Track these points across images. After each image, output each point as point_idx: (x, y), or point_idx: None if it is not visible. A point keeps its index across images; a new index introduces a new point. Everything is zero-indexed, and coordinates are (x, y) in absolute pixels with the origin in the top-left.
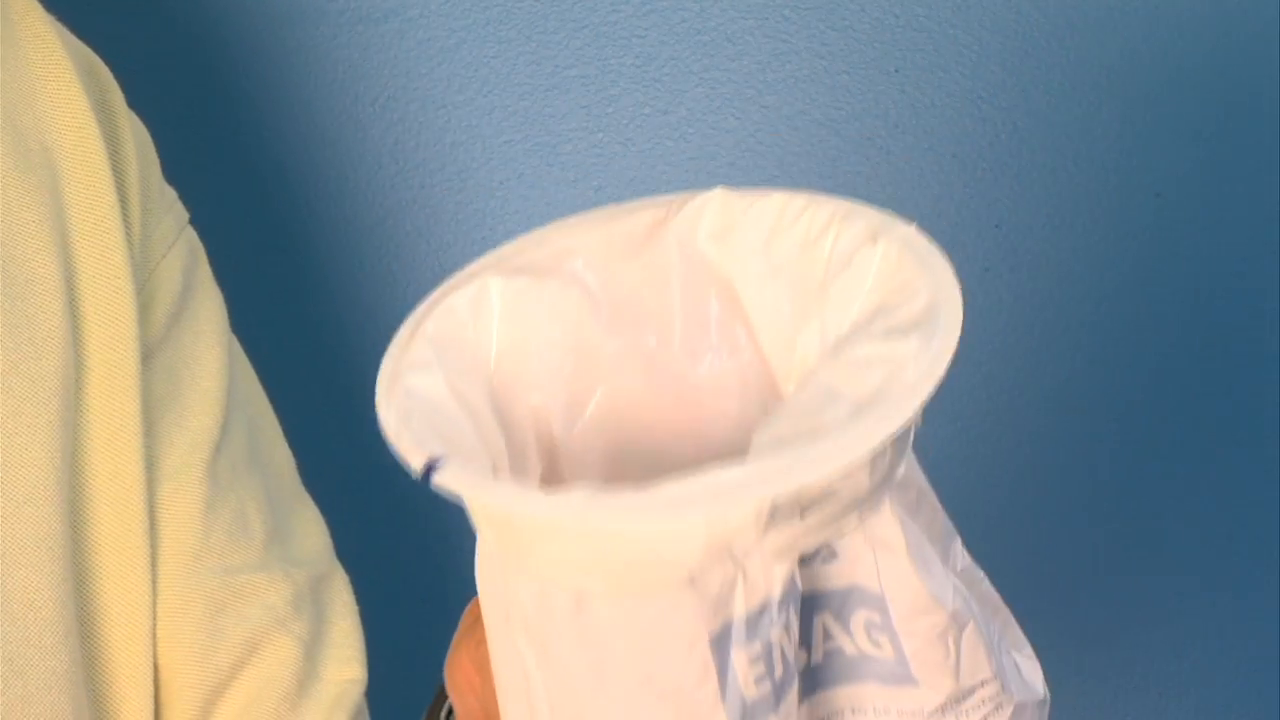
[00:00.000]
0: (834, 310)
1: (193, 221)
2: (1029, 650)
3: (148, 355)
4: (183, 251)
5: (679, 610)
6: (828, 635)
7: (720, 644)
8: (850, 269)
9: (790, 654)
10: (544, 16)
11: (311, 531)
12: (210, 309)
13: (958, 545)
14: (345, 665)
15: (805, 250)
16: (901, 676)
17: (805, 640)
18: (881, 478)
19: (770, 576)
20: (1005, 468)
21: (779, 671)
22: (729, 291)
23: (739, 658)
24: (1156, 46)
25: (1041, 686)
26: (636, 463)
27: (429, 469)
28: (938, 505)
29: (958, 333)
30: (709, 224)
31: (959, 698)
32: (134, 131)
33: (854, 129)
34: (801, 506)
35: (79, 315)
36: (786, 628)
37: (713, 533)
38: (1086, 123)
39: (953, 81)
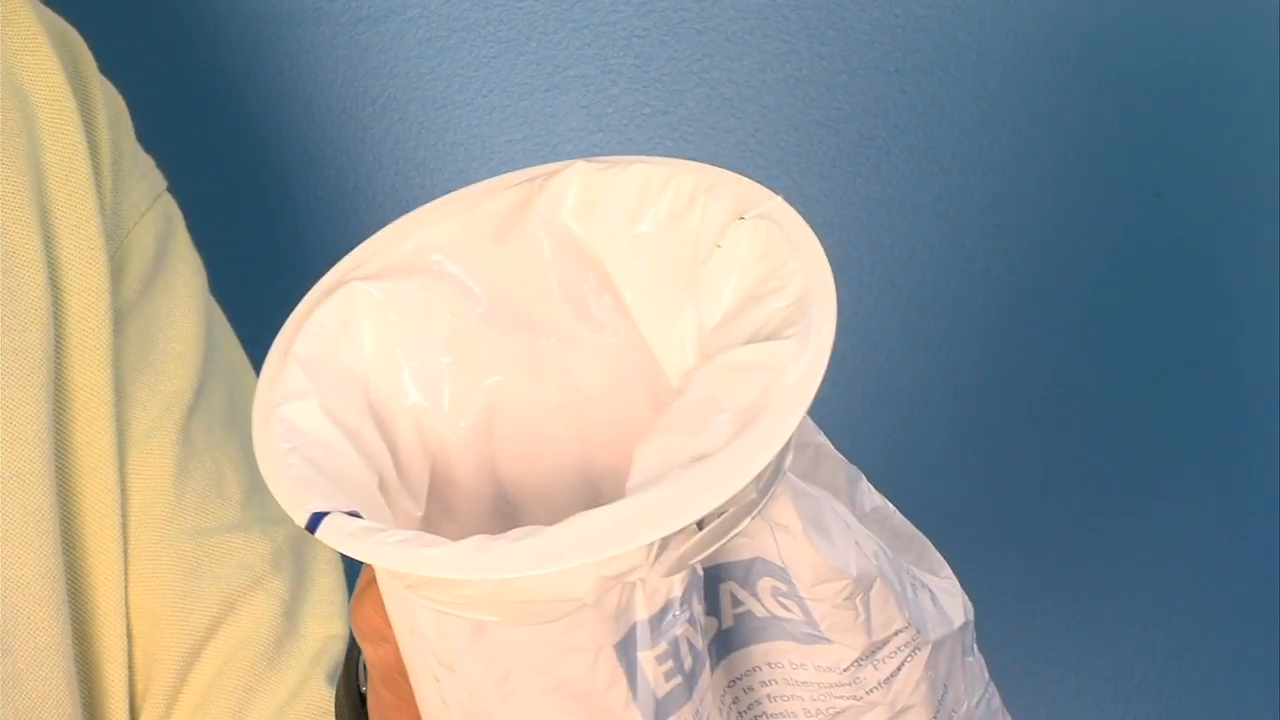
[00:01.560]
0: (707, 295)
1: (192, 222)
2: (947, 571)
3: (120, 320)
4: (157, 218)
5: (579, 629)
6: (736, 602)
7: (625, 649)
8: (719, 251)
9: (698, 642)
10: (544, 16)
11: None
12: (186, 274)
13: (863, 486)
14: (326, 622)
15: (672, 224)
16: (813, 637)
17: (713, 609)
18: (769, 482)
19: (669, 582)
20: (1004, 467)
21: (688, 663)
22: (600, 269)
23: (646, 659)
24: (1156, 46)
25: (961, 611)
26: (526, 455)
27: (310, 526)
28: (838, 456)
29: (832, 327)
30: (572, 201)
31: (873, 650)
32: (106, 99)
33: (854, 129)
34: (693, 529)
35: (58, 285)
36: (691, 620)
37: (604, 572)
38: (1086, 123)
39: (953, 81)
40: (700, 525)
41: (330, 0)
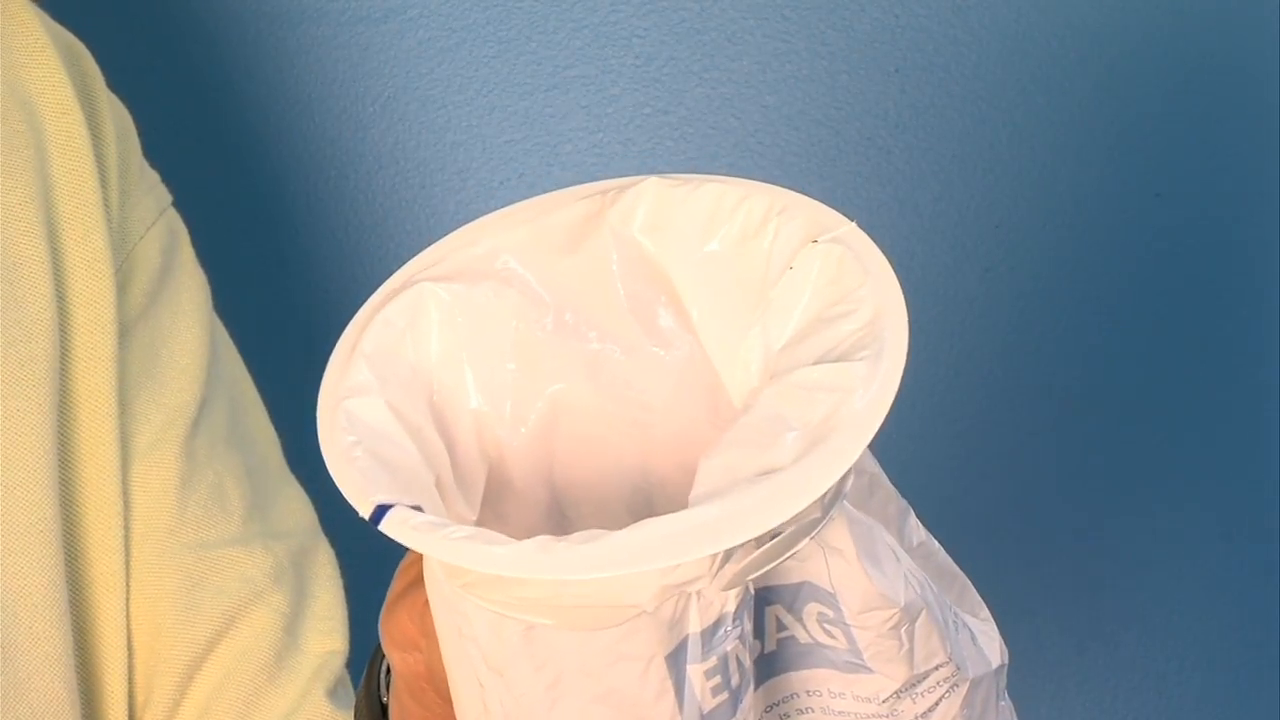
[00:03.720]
0: (775, 316)
1: (192, 222)
2: (985, 613)
3: (124, 332)
4: (162, 232)
5: (634, 636)
6: (780, 626)
7: (676, 661)
8: (791, 274)
9: (746, 660)
10: (544, 16)
11: (295, 508)
12: (191, 290)
13: (912, 521)
14: (326, 637)
15: (743, 244)
16: (855, 665)
17: (758, 632)
18: (831, 501)
19: (724, 596)
20: (1004, 467)
21: (735, 680)
22: (668, 285)
23: (695, 673)
24: (1156, 46)
25: (998, 654)
26: (583, 463)
27: (375, 518)
28: (890, 487)
29: (904, 352)
30: (644, 216)
31: (913, 683)
32: (113, 114)
33: (854, 129)
34: (755, 544)
35: (64, 298)
36: (741, 637)
37: (666, 581)
38: (1086, 123)
39: (953, 81)
40: (762, 541)
41: (330, 0)
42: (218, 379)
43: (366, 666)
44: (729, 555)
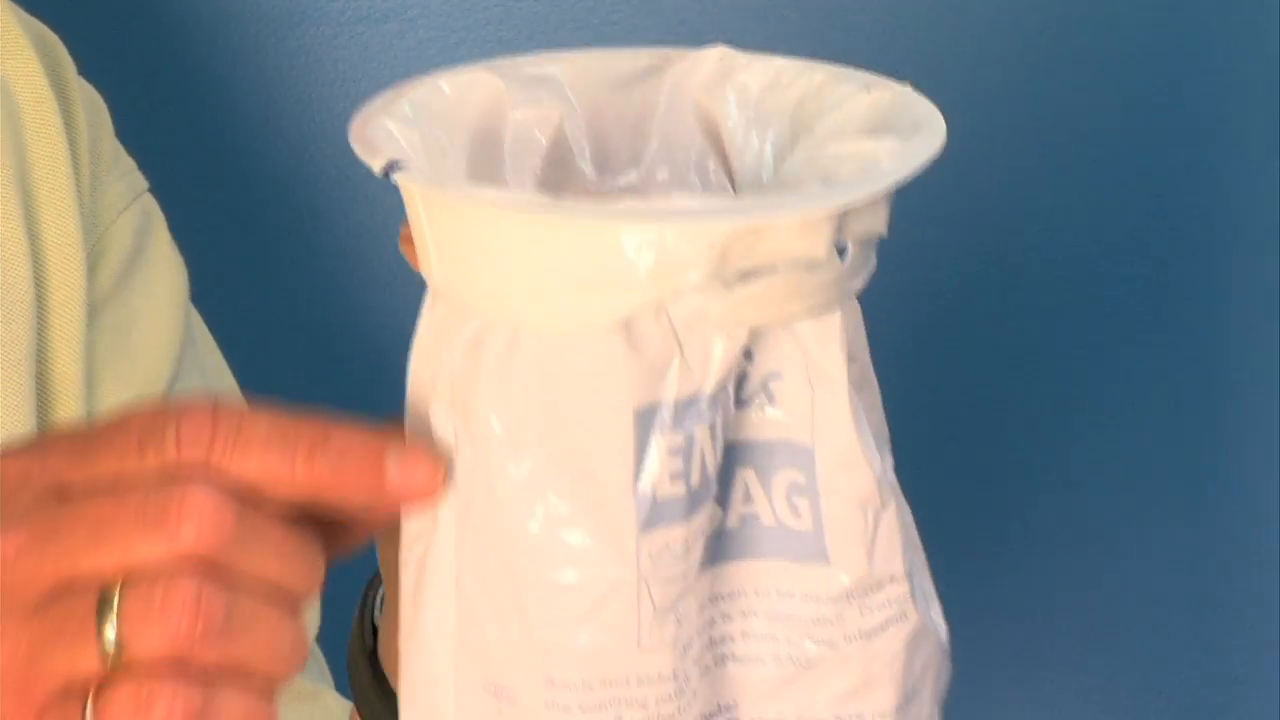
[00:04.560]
0: (818, 138)
1: (191, 222)
2: (937, 605)
3: (94, 313)
4: (135, 217)
5: (610, 366)
6: (747, 497)
7: (644, 421)
8: (840, 109)
9: (710, 467)
10: (544, 16)
11: None
12: (164, 273)
13: (889, 459)
14: None
15: (799, 105)
16: (814, 552)
17: (724, 498)
18: (838, 269)
19: (707, 360)
20: (1004, 467)
21: (695, 478)
22: (713, 137)
23: (659, 443)
24: (1157, 46)
25: (945, 633)
26: None
27: (390, 168)
28: (880, 404)
29: (941, 136)
30: (705, 73)
31: (866, 588)
32: (86, 101)
33: None
34: (752, 265)
35: (41, 280)
36: (712, 433)
37: (660, 262)
38: (1086, 123)
39: (953, 81)
40: (758, 273)
41: (330, 0)
42: (191, 361)
43: (361, 596)
44: (724, 264)
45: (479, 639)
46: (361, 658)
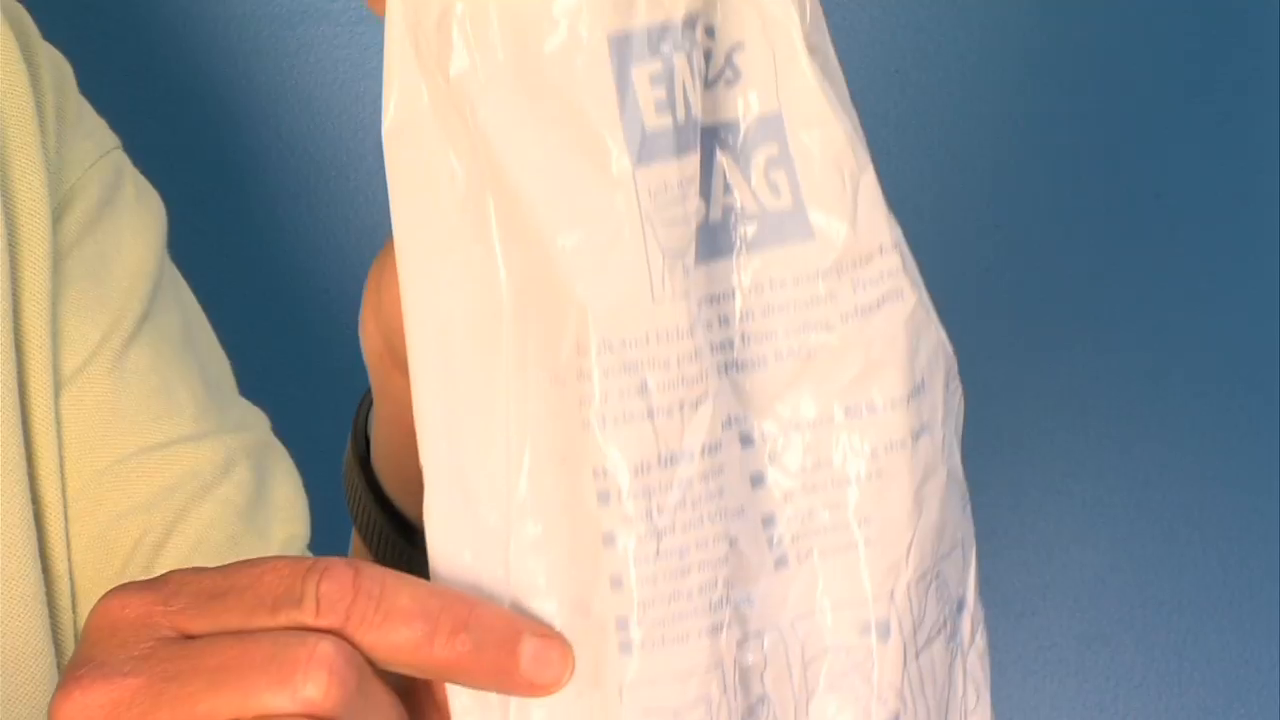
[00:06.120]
0: None
1: (191, 222)
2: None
3: (59, 260)
4: (105, 170)
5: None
6: (727, 187)
7: (619, 51)
8: None
9: (694, 100)
10: None
11: (251, 412)
12: (134, 220)
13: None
14: (287, 524)
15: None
16: (798, 229)
17: (705, 189)
18: None
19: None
20: (1004, 467)
21: (681, 110)
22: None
23: (640, 75)
24: (1157, 46)
25: (950, 349)
26: None
27: None
28: (849, 97)
29: None
30: None
31: (855, 260)
32: (50, 62)
33: None
34: None
35: (14, 238)
36: (689, 61)
37: None
38: (1086, 123)
39: (953, 81)
40: None
41: (330, 0)
42: (166, 297)
43: (357, 408)
44: None
45: None
46: (355, 465)
